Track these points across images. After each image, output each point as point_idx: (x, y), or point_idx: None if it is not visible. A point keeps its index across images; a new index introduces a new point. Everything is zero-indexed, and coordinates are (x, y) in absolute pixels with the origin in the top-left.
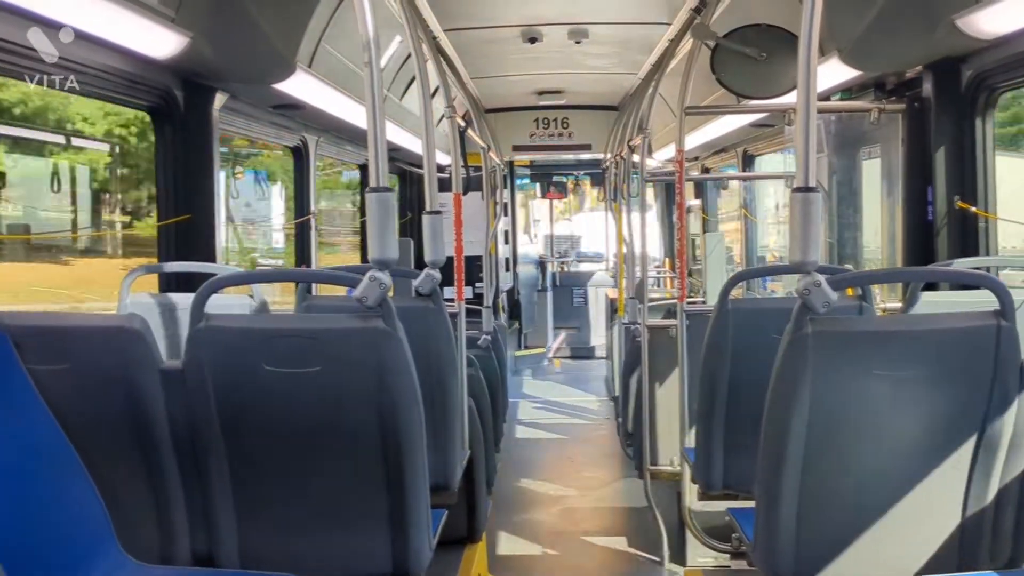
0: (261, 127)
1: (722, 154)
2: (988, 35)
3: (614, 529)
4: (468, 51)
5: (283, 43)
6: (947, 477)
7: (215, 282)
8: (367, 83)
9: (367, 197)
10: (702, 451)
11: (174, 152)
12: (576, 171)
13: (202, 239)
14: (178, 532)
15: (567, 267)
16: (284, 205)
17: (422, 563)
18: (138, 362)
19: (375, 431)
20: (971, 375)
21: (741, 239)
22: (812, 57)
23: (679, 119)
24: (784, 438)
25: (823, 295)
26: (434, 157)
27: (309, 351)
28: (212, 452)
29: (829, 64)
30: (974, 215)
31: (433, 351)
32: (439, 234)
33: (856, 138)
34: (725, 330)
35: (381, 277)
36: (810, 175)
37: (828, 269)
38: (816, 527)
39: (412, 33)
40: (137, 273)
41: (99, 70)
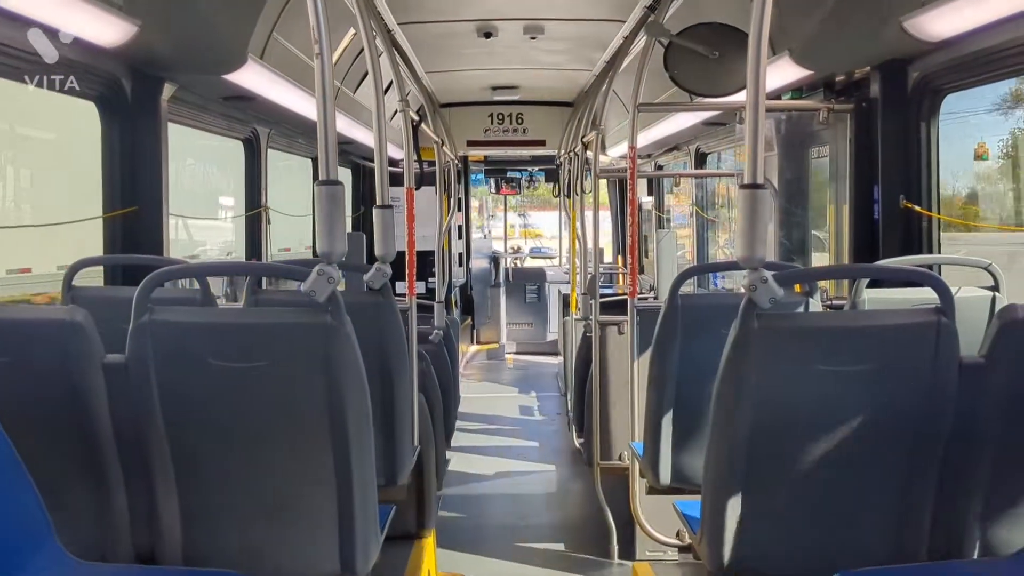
0: (211, 118)
1: (676, 152)
2: (934, 37)
3: (565, 524)
4: (423, 45)
5: (234, 33)
6: (888, 470)
7: (160, 274)
8: (317, 75)
9: (315, 190)
10: (650, 446)
11: (121, 142)
12: (531, 167)
13: (150, 231)
14: (120, 529)
15: (520, 263)
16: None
17: (369, 559)
18: (80, 356)
19: (322, 427)
20: (912, 370)
21: (692, 236)
22: (761, 56)
23: (632, 115)
24: (729, 432)
25: (769, 291)
26: (385, 151)
27: (256, 346)
28: (155, 447)
29: (779, 63)
30: (919, 214)
31: (383, 346)
32: (390, 229)
33: (806, 137)
34: (674, 325)
35: (329, 271)
36: (758, 172)
37: (775, 265)
38: (760, 520)
39: (365, 26)
40: (80, 265)
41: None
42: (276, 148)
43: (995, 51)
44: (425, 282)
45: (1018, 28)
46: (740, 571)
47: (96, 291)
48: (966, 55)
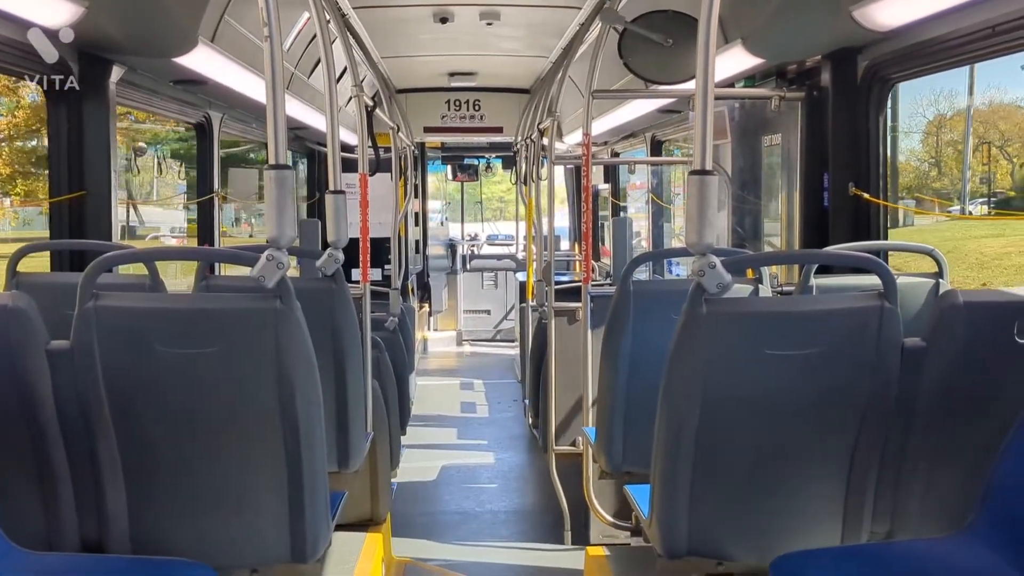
0: (162, 102)
1: (631, 139)
2: (882, 27)
3: (520, 509)
4: (378, 30)
5: (184, 15)
6: (832, 453)
7: (106, 259)
8: (266, 58)
9: (264, 174)
10: (602, 431)
11: (68, 126)
12: (488, 154)
13: (97, 216)
14: (65, 518)
15: (478, 250)
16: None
17: (319, 546)
18: (23, 342)
19: (272, 413)
20: (856, 354)
21: (648, 223)
22: (711, 43)
23: (586, 102)
24: (678, 416)
25: (717, 276)
26: (338, 136)
27: (204, 331)
28: (101, 435)
29: (732, 52)
30: (867, 201)
31: (336, 332)
32: (342, 214)
33: (758, 125)
34: (626, 311)
35: (279, 256)
36: (707, 158)
37: (724, 251)
38: (708, 503)
39: (318, 9)
40: (25, 251)
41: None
42: (229, 133)
43: (941, 41)
44: (381, 269)
45: (964, 18)
46: (689, 554)
47: (42, 277)
48: (914, 44)
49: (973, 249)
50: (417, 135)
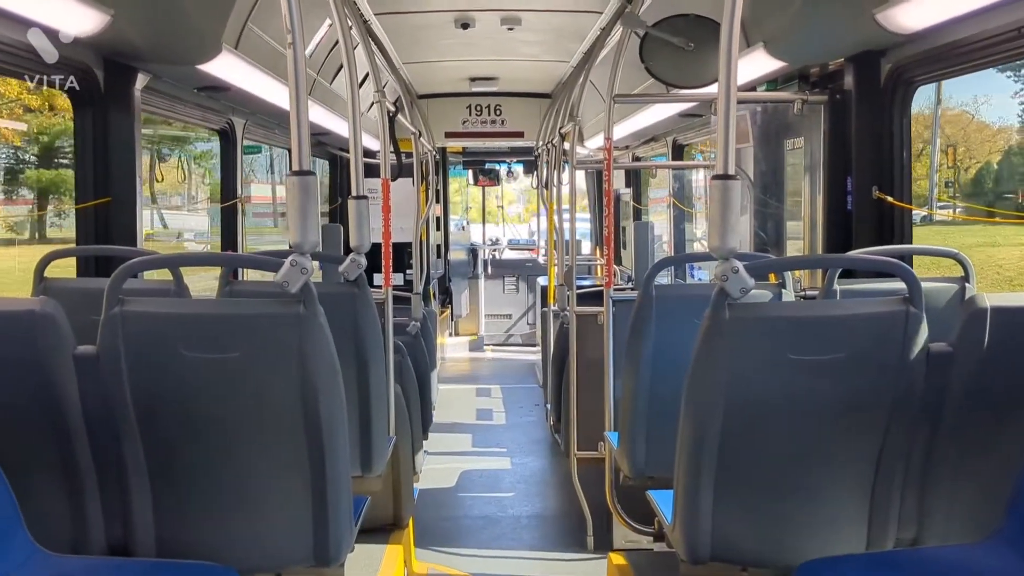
0: (186, 109)
1: (653, 143)
2: (906, 29)
3: (542, 514)
4: (400, 35)
5: (208, 23)
6: (857, 459)
7: (132, 265)
8: (290, 64)
9: (287, 180)
10: (625, 436)
11: (94, 133)
12: (509, 159)
13: (123, 222)
14: (92, 521)
15: (499, 254)
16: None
17: (343, 550)
18: (50, 347)
19: (296, 417)
20: (881, 360)
21: (670, 227)
22: (733, 47)
23: (608, 107)
24: (701, 421)
25: (740, 281)
26: (360, 142)
27: (228, 336)
28: (127, 439)
29: (754, 55)
30: (891, 205)
31: (359, 337)
32: (365, 219)
33: (781, 129)
34: (648, 316)
35: (302, 261)
36: (730, 163)
37: (747, 256)
38: (732, 509)
39: (340, 15)
40: (51, 257)
41: (14, 47)
42: (252, 139)
43: (966, 43)
44: (403, 274)
45: (988, 20)
46: (713, 560)
47: (68, 283)
48: (938, 47)
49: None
50: (438, 140)
